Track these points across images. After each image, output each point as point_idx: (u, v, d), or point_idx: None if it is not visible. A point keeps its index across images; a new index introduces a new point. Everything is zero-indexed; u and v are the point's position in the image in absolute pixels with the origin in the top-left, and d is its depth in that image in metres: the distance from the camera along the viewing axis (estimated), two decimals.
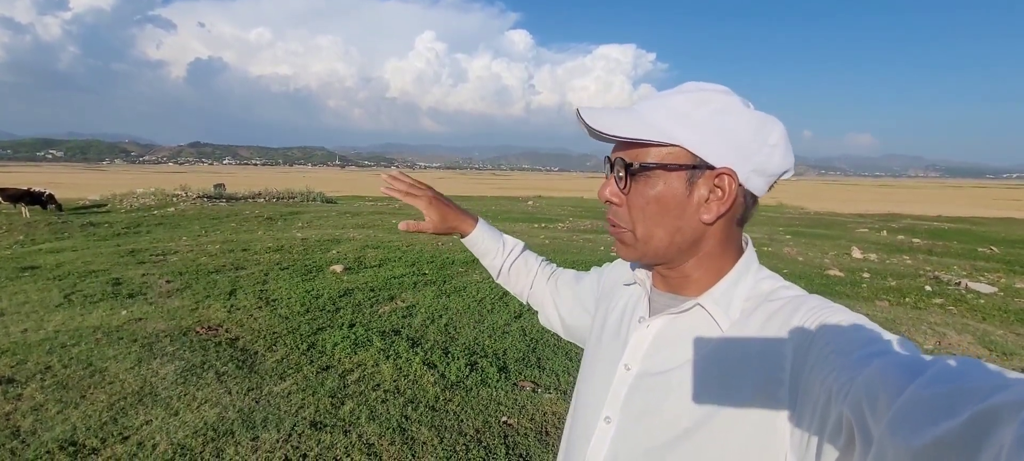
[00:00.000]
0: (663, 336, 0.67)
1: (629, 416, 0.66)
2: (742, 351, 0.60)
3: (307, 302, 5.02)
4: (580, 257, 7.90)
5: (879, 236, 14.44)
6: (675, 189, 0.62)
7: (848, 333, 0.51)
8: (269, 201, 18.40)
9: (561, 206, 24.73)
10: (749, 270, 0.67)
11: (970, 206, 34.97)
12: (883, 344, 0.47)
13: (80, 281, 5.67)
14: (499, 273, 1.06)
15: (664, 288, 0.71)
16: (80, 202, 17.44)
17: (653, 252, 0.66)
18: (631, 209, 0.65)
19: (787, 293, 0.63)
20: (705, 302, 0.64)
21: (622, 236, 0.67)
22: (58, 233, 10.20)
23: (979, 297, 6.38)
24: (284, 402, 3.06)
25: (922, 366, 0.41)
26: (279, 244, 8.32)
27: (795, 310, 0.59)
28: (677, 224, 0.63)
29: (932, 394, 0.36)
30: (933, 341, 4.48)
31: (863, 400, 0.41)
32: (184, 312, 4.68)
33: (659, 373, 0.65)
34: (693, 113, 0.61)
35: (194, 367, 3.48)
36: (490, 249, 1.04)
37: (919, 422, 0.35)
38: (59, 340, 3.87)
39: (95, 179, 54.87)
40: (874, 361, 0.44)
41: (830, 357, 0.49)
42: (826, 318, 0.55)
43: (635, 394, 0.66)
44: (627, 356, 0.69)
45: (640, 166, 0.62)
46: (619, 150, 0.65)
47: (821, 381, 0.49)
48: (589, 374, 0.77)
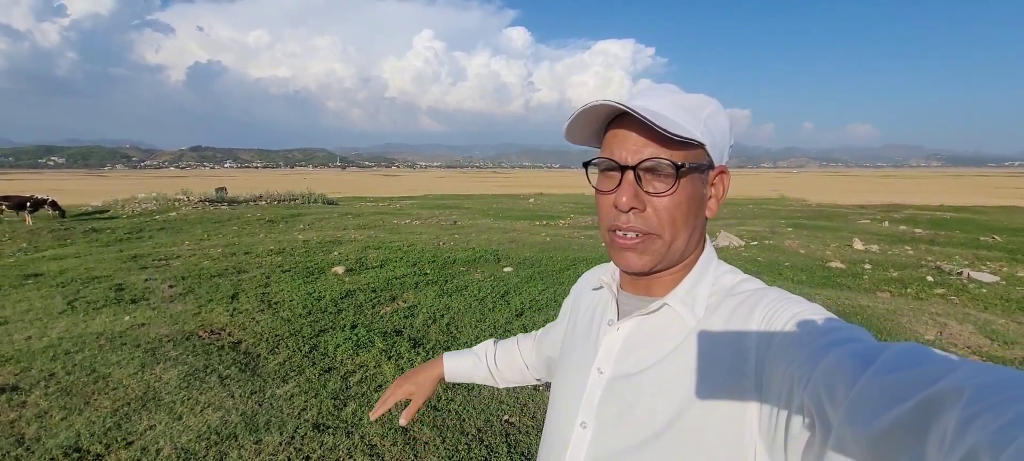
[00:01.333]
0: (633, 338, 0.68)
1: (605, 420, 0.66)
2: (709, 346, 0.61)
3: (309, 304, 5.03)
4: (581, 254, 7.90)
5: (880, 227, 14.40)
6: (698, 188, 0.64)
7: (807, 324, 0.53)
8: (270, 203, 18.44)
9: (562, 203, 24.73)
10: (710, 266, 0.68)
11: (972, 195, 34.85)
12: (840, 333, 0.49)
13: (83, 287, 5.69)
14: (494, 379, 1.07)
15: (633, 290, 0.72)
16: (82, 208, 17.49)
17: (673, 255, 0.65)
18: (661, 212, 0.62)
19: (749, 287, 0.64)
20: (672, 301, 0.65)
21: (647, 244, 0.63)
22: (61, 239, 10.23)
23: (981, 286, 6.37)
24: (287, 404, 3.08)
25: (875, 354, 0.42)
26: (281, 246, 8.34)
27: (757, 303, 0.60)
28: (695, 223, 0.65)
29: (884, 381, 0.38)
30: (935, 331, 4.47)
31: (822, 389, 0.43)
32: (187, 316, 4.70)
33: (632, 374, 0.66)
34: (700, 113, 0.62)
35: (197, 371, 3.49)
36: (468, 368, 1.07)
37: (872, 409, 0.37)
38: (63, 347, 3.89)
39: (97, 185, 55.04)
40: (832, 350, 0.45)
41: (791, 348, 0.51)
42: (786, 310, 0.56)
43: (609, 397, 0.67)
44: (599, 360, 0.70)
45: (689, 166, 0.61)
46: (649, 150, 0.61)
47: (784, 371, 0.50)
48: (562, 380, 0.77)
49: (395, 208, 18.67)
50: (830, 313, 0.54)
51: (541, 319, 4.67)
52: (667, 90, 0.65)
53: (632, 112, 0.58)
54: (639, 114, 0.57)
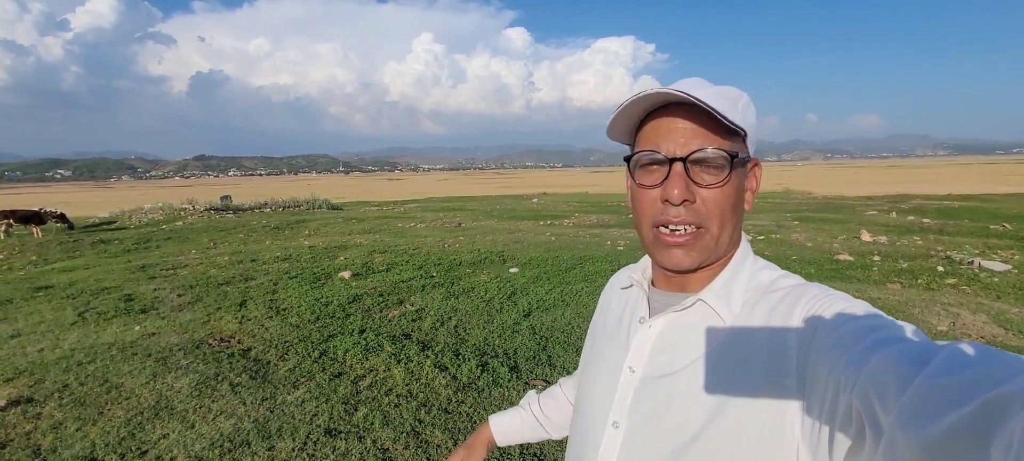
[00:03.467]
0: (666, 335, 0.66)
1: (637, 420, 0.64)
2: (747, 344, 0.59)
3: (317, 310, 5.05)
4: (587, 253, 7.88)
5: (888, 218, 14.30)
6: (742, 181, 0.63)
7: (854, 321, 0.50)
8: (275, 210, 18.52)
9: (566, 202, 24.71)
10: (746, 261, 0.66)
11: (980, 183, 34.55)
12: (890, 332, 0.47)
13: (93, 298, 5.73)
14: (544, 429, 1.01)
15: (666, 287, 0.70)
16: (90, 220, 17.63)
17: (719, 249, 0.63)
18: (711, 205, 0.60)
19: (787, 283, 0.62)
20: (707, 297, 0.64)
21: (697, 239, 0.61)
22: (70, 252, 10.32)
23: (993, 275, 6.31)
24: (298, 410, 3.09)
25: (930, 354, 0.40)
26: (287, 253, 8.37)
27: (797, 300, 0.58)
28: (739, 217, 0.64)
29: (940, 383, 0.36)
30: (947, 322, 4.43)
31: (871, 391, 0.40)
32: (196, 325, 4.73)
33: (665, 374, 0.64)
34: (737, 103, 0.61)
35: (208, 379, 3.51)
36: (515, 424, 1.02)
37: (928, 413, 0.34)
38: (75, 358, 3.92)
39: (103, 196, 55.45)
40: (881, 350, 0.43)
41: (836, 346, 0.49)
42: (830, 306, 0.55)
43: (642, 397, 0.65)
44: (631, 358, 0.68)
45: (742, 157, 0.60)
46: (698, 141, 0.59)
47: (828, 371, 0.48)
48: (592, 379, 0.75)
49: (399, 212, 18.70)
50: (877, 309, 0.52)
51: (549, 319, 4.66)
52: (699, 83, 0.62)
53: (694, 100, 0.55)
54: (701, 102, 0.55)
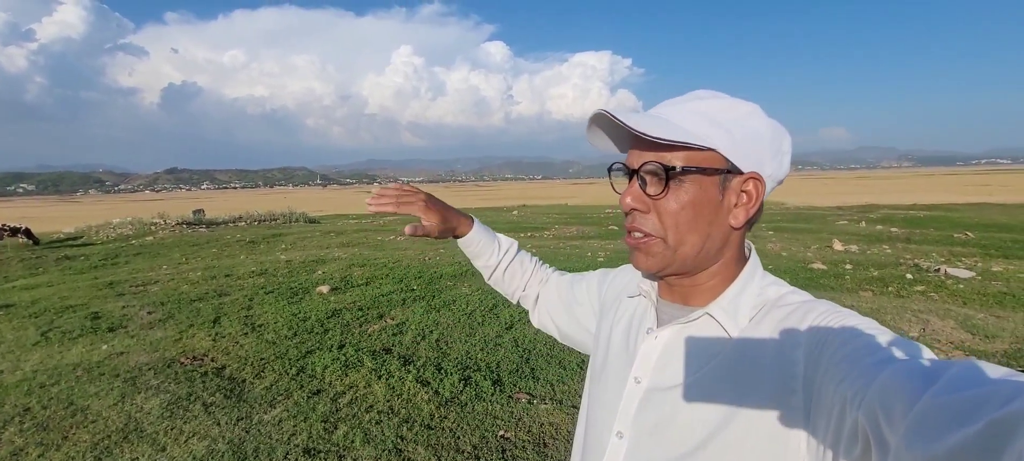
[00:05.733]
0: (672, 347, 0.66)
1: (642, 430, 0.65)
2: (753, 359, 0.59)
3: (294, 325, 4.93)
4: (568, 264, 7.90)
5: (858, 227, 14.72)
6: (710, 194, 0.61)
7: (860, 339, 0.51)
8: (251, 224, 18.13)
9: (546, 214, 24.79)
10: (754, 276, 0.67)
11: (943, 193, 35.90)
12: (896, 349, 0.47)
13: (57, 317, 5.50)
14: (492, 273, 1.04)
15: (671, 298, 0.71)
16: (54, 235, 16.98)
17: (681, 260, 0.64)
18: (662, 215, 0.62)
19: (795, 299, 0.63)
20: (714, 311, 0.64)
21: (649, 245, 0.64)
22: (32, 268, 9.90)
23: (958, 282, 6.52)
24: (275, 430, 2.99)
25: (937, 372, 0.40)
26: (263, 267, 8.19)
27: (805, 316, 0.59)
28: (708, 230, 0.63)
29: (947, 402, 0.36)
30: (917, 328, 4.55)
31: (878, 408, 0.41)
32: (167, 343, 4.57)
33: (670, 385, 0.64)
34: (721, 117, 0.61)
35: (180, 399, 3.38)
36: (485, 249, 1.02)
37: (935, 431, 0.35)
38: (37, 380, 3.74)
39: (69, 211, 53.59)
40: (888, 367, 0.43)
41: (843, 363, 0.49)
42: (837, 323, 0.55)
43: (647, 407, 0.65)
44: (636, 369, 0.68)
45: (682, 169, 0.60)
46: (648, 154, 0.61)
47: (835, 388, 0.48)
48: (598, 388, 0.75)
49: (379, 225, 18.50)
50: (884, 327, 0.53)
51: (531, 331, 4.64)
52: (696, 96, 0.64)
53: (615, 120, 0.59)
54: (615, 118, 0.59)
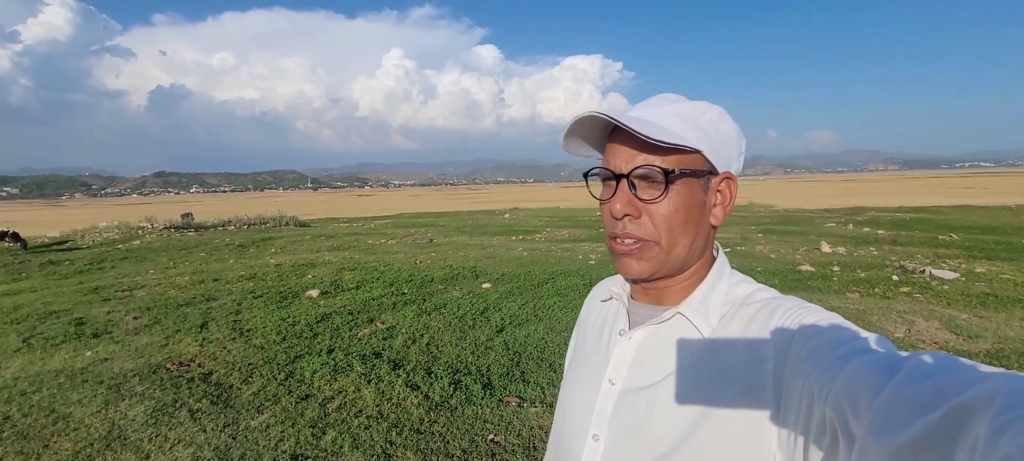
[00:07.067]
0: (645, 348, 0.67)
1: (617, 432, 0.65)
2: (725, 357, 0.60)
3: (283, 330, 4.89)
4: (559, 267, 7.91)
5: (846, 230, 14.88)
6: (697, 195, 0.63)
7: (826, 333, 0.52)
8: (240, 228, 17.96)
9: (538, 217, 24.82)
10: (723, 275, 0.68)
11: (928, 196, 36.42)
12: (860, 343, 0.48)
13: (40, 323, 5.41)
14: None
15: (644, 300, 0.71)
16: (39, 240, 16.70)
17: (672, 262, 0.64)
18: (656, 219, 0.62)
19: (763, 296, 0.64)
20: (685, 310, 0.65)
21: (644, 250, 0.64)
22: (15, 273, 9.72)
23: (943, 283, 6.61)
24: (263, 436, 2.96)
25: (898, 364, 0.41)
26: (252, 272, 8.11)
27: (773, 312, 0.60)
28: (696, 230, 0.64)
29: (909, 392, 0.37)
30: (903, 329, 4.61)
31: (844, 400, 0.42)
32: (153, 349, 4.50)
33: (645, 387, 0.65)
34: (699, 120, 0.62)
35: (165, 406, 3.34)
36: None
37: (897, 421, 0.36)
38: (18, 387, 3.67)
39: (54, 215, 52.79)
40: (853, 360, 0.45)
41: (810, 358, 0.50)
42: (804, 319, 0.56)
43: (622, 409, 0.66)
44: (611, 371, 0.69)
45: (679, 172, 0.60)
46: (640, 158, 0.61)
47: (803, 382, 0.49)
48: (572, 392, 0.75)
49: (369, 228, 18.41)
50: (849, 322, 0.54)
51: (522, 334, 4.64)
52: (666, 99, 0.66)
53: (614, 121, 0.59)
54: (617, 120, 0.59)
